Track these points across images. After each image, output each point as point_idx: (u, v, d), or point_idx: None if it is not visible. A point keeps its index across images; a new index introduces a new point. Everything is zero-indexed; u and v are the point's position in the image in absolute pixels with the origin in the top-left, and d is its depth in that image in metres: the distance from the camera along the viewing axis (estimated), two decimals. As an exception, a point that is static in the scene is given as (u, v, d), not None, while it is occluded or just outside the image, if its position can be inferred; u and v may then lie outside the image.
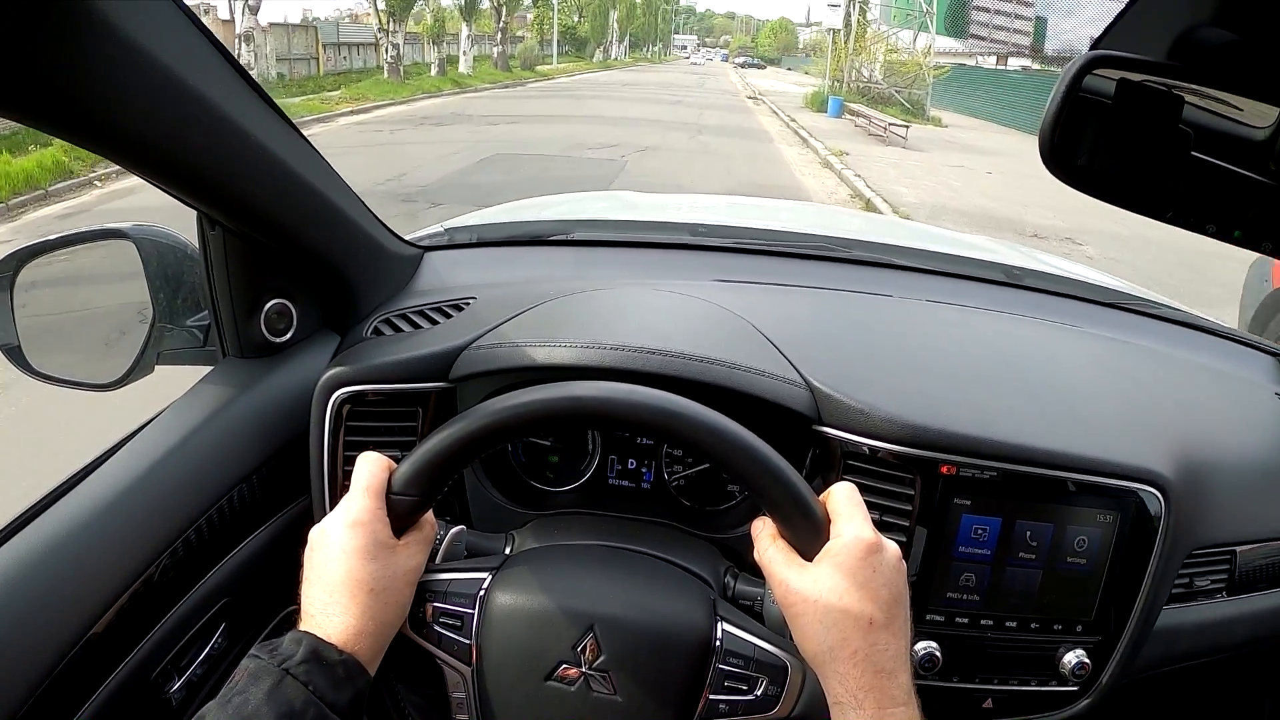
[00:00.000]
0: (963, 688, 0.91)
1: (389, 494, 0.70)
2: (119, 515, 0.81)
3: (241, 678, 0.62)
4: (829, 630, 0.63)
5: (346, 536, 0.68)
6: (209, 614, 0.88)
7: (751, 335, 0.99)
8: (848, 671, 0.63)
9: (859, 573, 0.64)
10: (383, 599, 0.67)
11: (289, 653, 0.63)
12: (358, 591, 0.66)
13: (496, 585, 0.74)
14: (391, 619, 0.69)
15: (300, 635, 0.65)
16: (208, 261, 0.95)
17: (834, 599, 0.63)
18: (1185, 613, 0.98)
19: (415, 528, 0.72)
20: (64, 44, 0.59)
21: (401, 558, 0.70)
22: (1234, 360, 1.27)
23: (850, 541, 0.65)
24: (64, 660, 0.72)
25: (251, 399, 0.96)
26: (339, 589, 0.66)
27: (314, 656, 0.63)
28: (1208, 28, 0.67)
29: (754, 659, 0.71)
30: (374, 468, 0.71)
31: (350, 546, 0.67)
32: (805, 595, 0.65)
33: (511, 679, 0.72)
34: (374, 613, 0.67)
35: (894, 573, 0.65)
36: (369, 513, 0.69)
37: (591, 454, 1.02)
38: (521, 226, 1.67)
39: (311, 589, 0.68)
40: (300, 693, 0.61)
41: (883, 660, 0.63)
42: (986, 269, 1.40)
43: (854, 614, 0.63)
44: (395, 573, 0.69)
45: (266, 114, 0.82)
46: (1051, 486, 0.87)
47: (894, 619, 0.64)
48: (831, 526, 0.67)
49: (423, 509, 0.72)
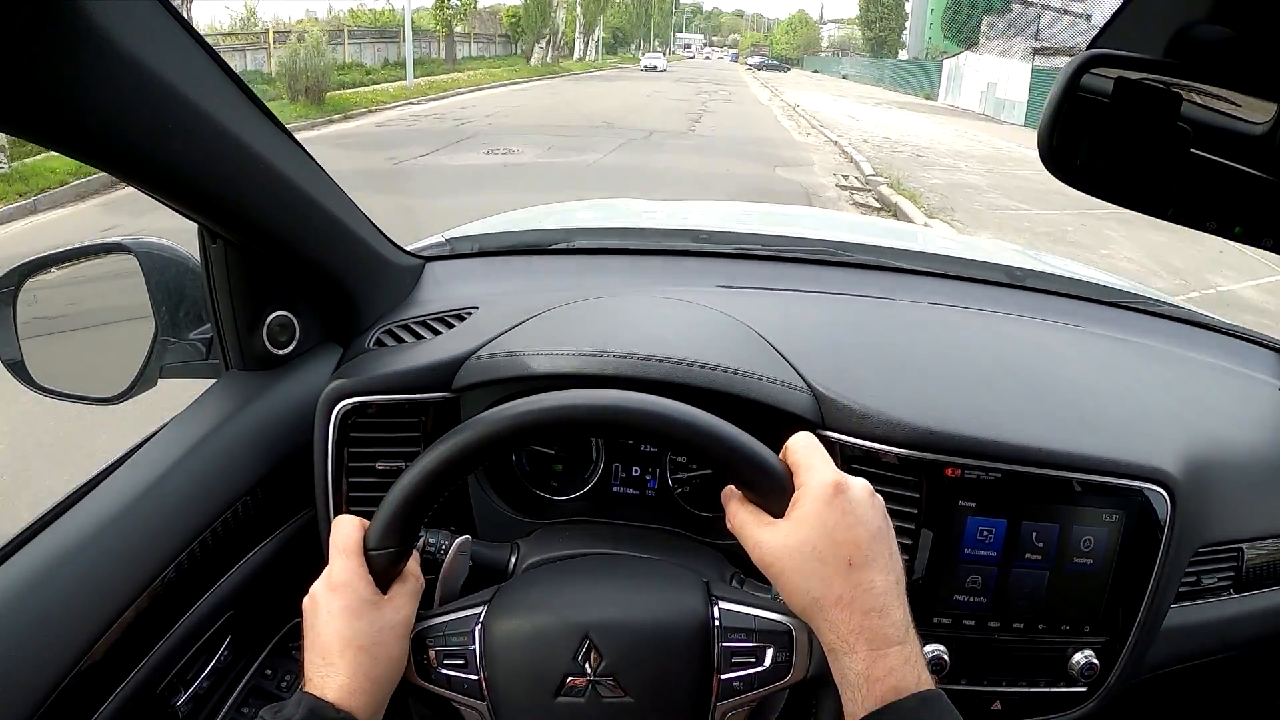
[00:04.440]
0: (971, 690, 0.90)
1: (366, 552, 0.71)
2: (124, 529, 0.81)
3: None
4: (810, 580, 0.62)
5: (330, 600, 0.69)
6: (214, 627, 0.88)
7: (754, 341, 0.99)
8: (836, 617, 0.61)
9: (827, 515, 0.63)
10: (374, 654, 0.68)
11: (290, 715, 0.64)
12: (346, 650, 0.67)
13: (491, 615, 0.73)
14: (386, 673, 0.70)
15: (301, 696, 0.66)
16: (209, 274, 0.95)
17: (808, 548, 0.62)
18: (1193, 611, 0.98)
19: (400, 580, 0.72)
20: (62, 58, 0.59)
21: (388, 612, 0.70)
22: (1238, 357, 1.26)
23: (814, 487, 0.64)
24: (70, 674, 0.72)
25: (255, 411, 0.96)
26: (330, 651, 0.68)
27: (312, 715, 0.64)
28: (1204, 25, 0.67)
29: (756, 630, 0.70)
30: (347, 529, 0.72)
31: (334, 608, 0.68)
32: (779, 552, 0.64)
33: (525, 702, 0.71)
34: (367, 670, 0.67)
35: (866, 509, 0.64)
36: (349, 573, 0.70)
37: (595, 462, 1.02)
38: (522, 235, 1.67)
39: (309, 653, 0.69)
40: None
41: (869, 600, 0.61)
42: (988, 270, 1.40)
43: (831, 559, 0.62)
44: (383, 628, 0.69)
45: (266, 127, 0.82)
46: (1057, 487, 0.87)
47: (875, 555, 0.63)
48: (795, 478, 0.66)
49: (405, 556, 0.72)
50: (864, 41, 75.63)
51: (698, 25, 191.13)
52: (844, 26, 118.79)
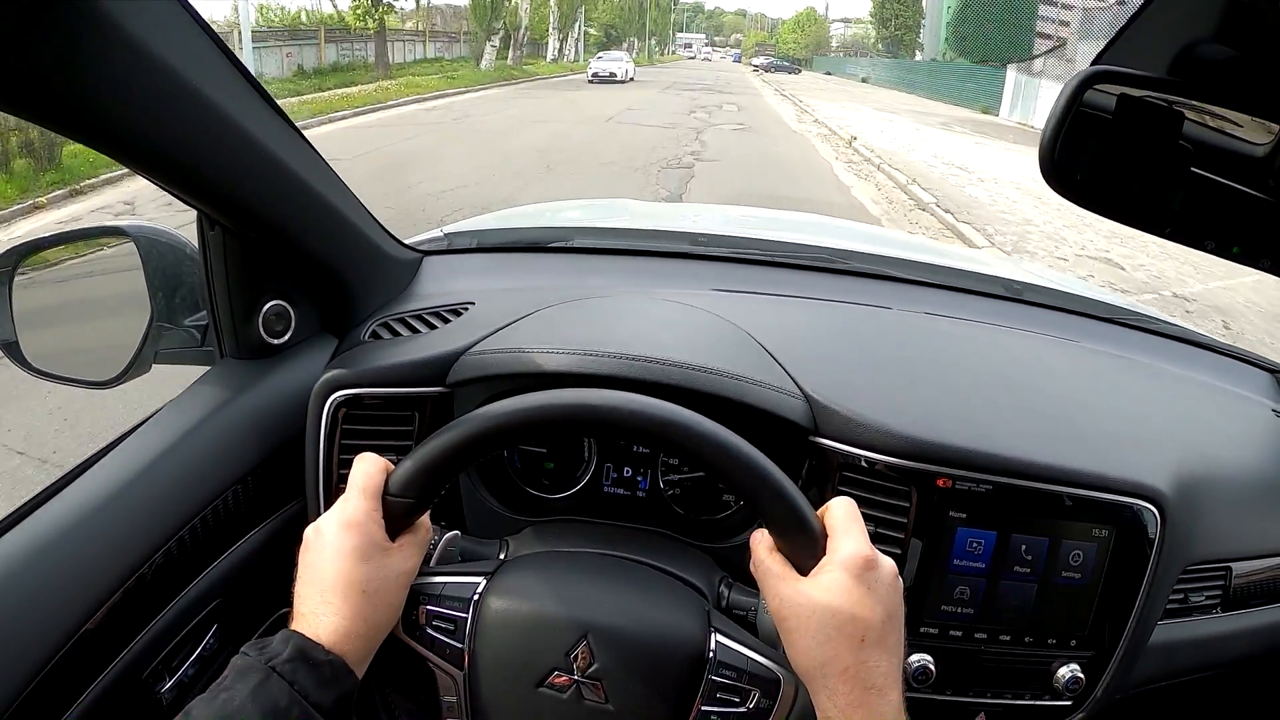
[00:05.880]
0: (956, 701, 0.90)
1: (385, 495, 0.70)
2: (112, 513, 0.81)
3: (229, 674, 0.62)
4: (821, 645, 0.63)
5: (341, 537, 0.67)
6: (201, 615, 0.88)
7: (749, 345, 0.99)
8: (837, 687, 0.62)
9: (853, 589, 0.63)
10: (375, 601, 0.67)
11: (276, 651, 0.63)
12: (349, 593, 0.66)
13: (491, 590, 0.73)
14: (383, 621, 0.69)
15: (289, 634, 0.65)
16: (206, 261, 0.95)
17: (826, 614, 0.63)
18: (1180, 628, 0.98)
19: (410, 530, 0.72)
20: (68, 43, 0.59)
21: (395, 560, 0.70)
22: (1232, 376, 1.27)
23: (846, 557, 0.64)
24: (55, 657, 0.72)
25: (248, 400, 0.96)
26: (331, 589, 0.66)
27: (300, 655, 0.63)
28: (1208, 44, 0.67)
29: (747, 671, 0.71)
30: (371, 469, 0.71)
31: (344, 547, 0.67)
32: (798, 609, 0.64)
33: (504, 684, 0.72)
34: (365, 615, 0.67)
35: (889, 590, 0.65)
36: (364, 514, 0.69)
37: (587, 461, 1.02)
38: (521, 233, 1.67)
39: (304, 588, 0.68)
40: (285, 691, 0.61)
41: (873, 677, 0.62)
42: (986, 283, 1.40)
43: (846, 630, 0.63)
44: (388, 575, 0.69)
45: (269, 115, 0.82)
46: (1047, 501, 0.87)
47: (886, 636, 0.64)
48: (829, 541, 0.67)
49: (419, 511, 0.72)
50: (880, 41, 71.27)
51: (699, 24, 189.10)
52: (854, 25, 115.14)
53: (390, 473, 0.72)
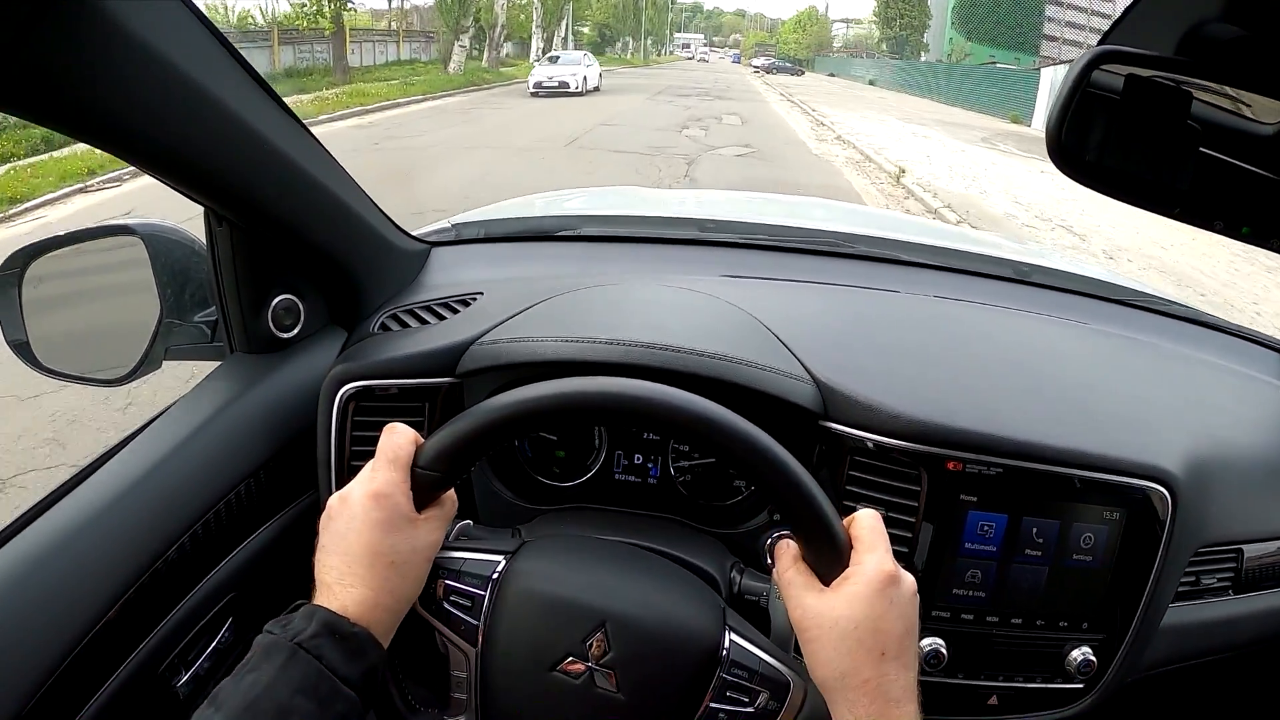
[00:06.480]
0: (968, 684, 0.91)
1: (414, 467, 0.70)
2: (127, 509, 0.82)
3: (255, 654, 0.62)
4: (842, 657, 0.63)
5: (369, 507, 0.67)
6: (216, 608, 0.89)
7: (758, 331, 0.99)
8: (857, 699, 0.63)
9: (876, 603, 0.64)
10: (401, 573, 0.67)
11: (300, 627, 0.63)
12: (376, 563, 0.66)
13: (511, 570, 0.74)
14: (408, 593, 0.69)
15: (313, 609, 0.64)
16: (215, 257, 0.95)
17: (849, 627, 0.63)
18: (1191, 611, 0.98)
19: (436, 504, 0.72)
20: (72, 42, 0.60)
21: (422, 532, 0.69)
22: (1242, 357, 1.26)
23: (870, 571, 0.65)
24: (72, 652, 0.73)
25: (259, 394, 0.96)
26: (358, 560, 0.66)
27: (327, 630, 0.63)
28: (1216, 23, 0.66)
29: (758, 672, 0.71)
30: (401, 440, 0.71)
31: (372, 518, 0.67)
32: (821, 620, 0.65)
33: (516, 665, 0.72)
34: (392, 586, 0.67)
35: (908, 606, 0.66)
36: (392, 485, 0.68)
37: (598, 449, 1.02)
38: (528, 222, 1.67)
39: (329, 558, 0.67)
40: (313, 667, 0.61)
41: (892, 690, 0.63)
42: (994, 265, 1.40)
43: (867, 644, 0.63)
44: (415, 547, 0.68)
45: (273, 111, 0.82)
46: (1058, 483, 0.87)
47: (904, 651, 0.64)
48: (853, 554, 0.67)
49: (445, 486, 0.72)
50: (884, 41, 70.59)
51: (698, 24, 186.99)
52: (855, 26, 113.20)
53: (420, 445, 0.71)
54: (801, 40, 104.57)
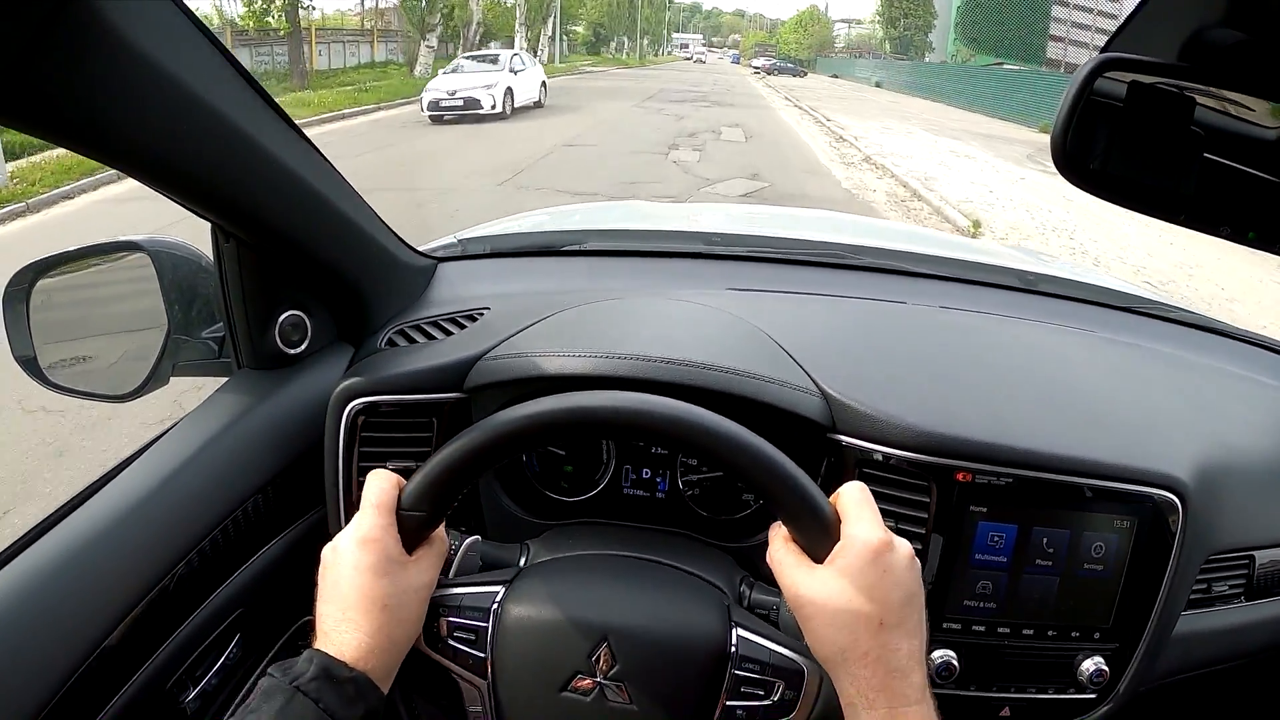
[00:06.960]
0: (980, 696, 0.90)
1: (399, 510, 0.71)
2: (134, 525, 0.82)
3: (256, 696, 0.63)
4: (839, 631, 0.63)
5: (358, 554, 0.68)
6: (224, 624, 0.89)
7: (765, 343, 0.99)
8: (859, 672, 0.62)
9: (868, 573, 0.63)
10: (396, 615, 0.68)
11: (301, 671, 0.63)
12: (370, 608, 0.67)
13: (510, 598, 0.74)
14: (404, 635, 0.69)
15: (313, 653, 0.65)
16: (222, 273, 0.95)
17: (843, 600, 0.63)
18: (1204, 618, 0.97)
19: (426, 543, 0.72)
20: (76, 56, 0.60)
21: (413, 573, 0.70)
22: (1250, 363, 1.26)
23: (859, 542, 0.64)
24: (79, 669, 0.73)
25: (266, 410, 0.97)
26: (352, 606, 0.67)
27: (324, 674, 0.63)
28: (1218, 28, 0.67)
29: (770, 664, 0.71)
30: (383, 484, 0.72)
31: (362, 564, 0.68)
32: (814, 597, 0.64)
33: (527, 691, 0.72)
34: (387, 630, 0.67)
35: (905, 572, 0.65)
36: (379, 529, 0.69)
37: (606, 464, 1.02)
38: (534, 237, 1.68)
39: (325, 606, 0.68)
40: (310, 710, 0.61)
41: (895, 660, 0.62)
42: (1000, 274, 1.40)
43: (864, 615, 0.63)
44: (407, 589, 0.69)
45: (279, 126, 0.82)
46: (1068, 493, 0.86)
47: (905, 619, 0.64)
48: (841, 527, 0.66)
49: (433, 524, 0.72)
50: (888, 42, 69.38)
51: (697, 24, 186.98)
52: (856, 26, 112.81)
53: (403, 488, 0.72)
54: (802, 40, 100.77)
